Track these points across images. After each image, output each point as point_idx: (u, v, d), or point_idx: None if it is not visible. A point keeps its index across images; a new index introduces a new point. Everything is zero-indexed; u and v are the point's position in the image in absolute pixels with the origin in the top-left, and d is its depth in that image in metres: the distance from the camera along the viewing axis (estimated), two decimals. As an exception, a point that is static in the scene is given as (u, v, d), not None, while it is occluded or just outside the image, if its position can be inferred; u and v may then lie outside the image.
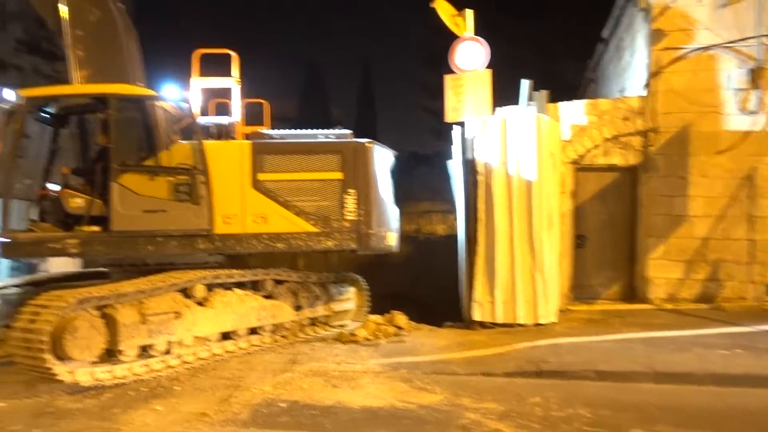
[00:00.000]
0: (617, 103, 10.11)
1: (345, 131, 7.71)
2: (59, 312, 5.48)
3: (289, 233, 6.94)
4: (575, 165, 10.00)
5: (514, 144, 8.26)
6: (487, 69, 8.67)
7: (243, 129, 7.91)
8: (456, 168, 8.88)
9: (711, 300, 9.52)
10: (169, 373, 6.15)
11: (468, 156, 8.56)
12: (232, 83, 7.80)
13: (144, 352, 6.17)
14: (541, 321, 8.12)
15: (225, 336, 6.99)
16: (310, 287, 7.99)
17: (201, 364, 6.51)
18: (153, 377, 6.01)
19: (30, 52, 14.98)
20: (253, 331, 7.29)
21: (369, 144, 7.24)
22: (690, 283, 9.72)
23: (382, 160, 7.53)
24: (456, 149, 8.81)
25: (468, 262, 8.49)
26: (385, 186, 7.60)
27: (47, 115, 7.09)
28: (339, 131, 7.73)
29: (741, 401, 5.29)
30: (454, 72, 8.83)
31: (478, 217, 8.40)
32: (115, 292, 5.99)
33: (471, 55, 8.73)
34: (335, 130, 7.83)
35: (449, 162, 9.27)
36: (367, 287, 8.93)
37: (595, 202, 10.21)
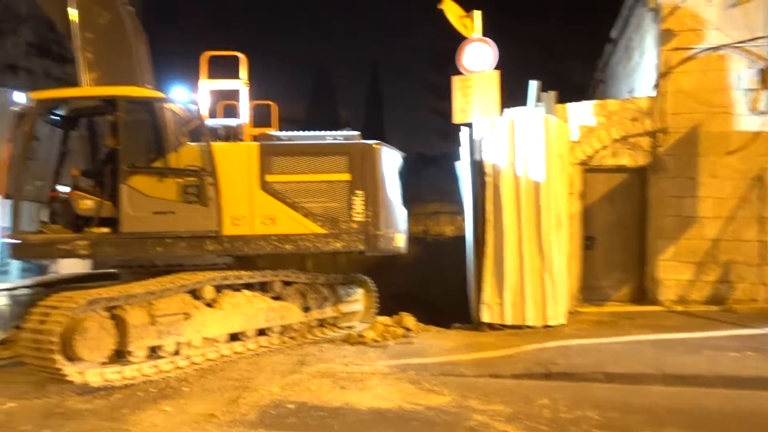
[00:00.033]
0: (626, 104, 10.07)
1: (353, 133, 7.72)
2: (69, 313, 5.51)
3: (298, 235, 6.96)
4: (584, 166, 9.96)
5: (522, 145, 8.25)
6: (495, 70, 8.66)
7: (251, 131, 7.93)
8: (464, 169, 8.87)
9: (721, 302, 9.46)
10: (178, 374, 6.17)
11: (476, 157, 8.55)
12: (240, 85, 7.83)
13: (153, 353, 6.20)
14: (550, 323, 8.09)
15: (233, 337, 7.01)
16: (318, 288, 8.01)
17: (209, 365, 6.54)
18: (162, 378, 6.03)
19: (40, 55, 15.11)
20: (262, 333, 7.31)
21: (377, 145, 7.24)
22: (700, 285, 9.66)
23: (389, 161, 7.52)
24: (464, 150, 8.79)
25: (476, 263, 8.47)
26: (393, 187, 7.60)
27: (57, 118, 7.13)
28: (347, 133, 7.74)
29: (751, 404, 5.25)
30: (461, 73, 8.82)
31: (486, 219, 8.38)
32: (125, 293, 6.02)
33: (479, 56, 8.73)
34: (343, 131, 7.84)
35: (457, 163, 9.26)
36: (375, 288, 8.93)
37: (604, 203, 10.16)
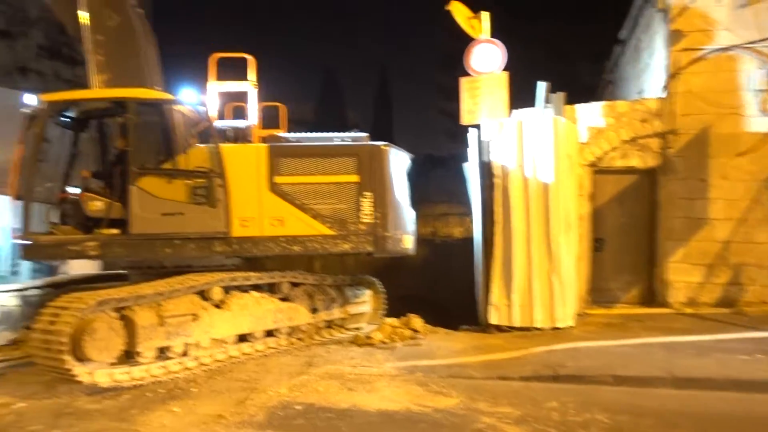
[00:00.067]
0: (635, 105, 10.02)
1: (361, 134, 7.73)
2: (79, 314, 5.54)
3: (306, 236, 6.97)
4: (593, 167, 9.91)
5: (530, 146, 8.22)
6: (504, 71, 8.65)
7: (260, 132, 7.96)
8: (472, 170, 8.85)
9: (732, 304, 9.37)
10: (186, 375, 6.19)
11: (484, 158, 8.53)
12: (248, 87, 7.85)
13: (162, 353, 6.22)
14: (559, 325, 8.06)
15: (241, 338, 7.02)
16: (326, 290, 8.01)
17: (218, 366, 6.55)
18: (170, 379, 6.05)
19: (51, 57, 15.21)
20: (270, 334, 7.32)
21: (385, 147, 7.25)
22: (711, 287, 9.58)
23: (398, 162, 7.52)
24: (472, 152, 8.78)
25: (485, 265, 8.45)
26: (401, 189, 7.59)
27: (67, 120, 7.17)
28: (355, 134, 7.75)
29: (762, 407, 5.19)
30: (469, 74, 8.81)
31: (494, 220, 8.36)
32: (134, 294, 6.05)
33: (487, 58, 8.72)
34: (351, 133, 7.85)
35: (465, 164, 9.25)
36: (383, 290, 8.93)
37: (613, 204, 10.11)
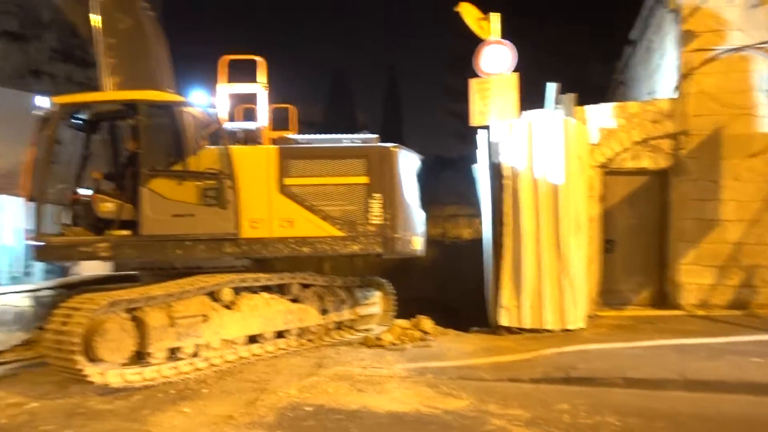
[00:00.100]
0: (646, 106, 9.96)
1: (371, 135, 7.74)
2: (90, 314, 5.58)
3: (315, 237, 6.98)
4: (603, 168, 9.86)
5: (540, 147, 8.19)
6: (513, 72, 8.63)
7: (270, 134, 7.98)
8: (482, 172, 8.83)
9: (745, 306, 9.29)
10: (197, 376, 6.22)
11: (494, 160, 8.51)
12: (258, 88, 7.88)
13: (172, 354, 6.25)
14: (569, 327, 8.02)
15: (252, 339, 7.05)
16: (336, 291, 8.02)
17: (228, 366, 6.58)
18: (181, 379, 6.08)
19: (64, 60, 15.32)
20: (280, 335, 7.34)
21: (394, 148, 7.25)
22: (723, 289, 9.50)
23: (407, 164, 7.52)
24: (482, 153, 8.76)
25: (494, 266, 8.43)
26: (411, 190, 7.60)
27: (79, 122, 7.23)
28: (365, 136, 7.75)
29: (776, 410, 5.16)
30: (479, 76, 8.79)
31: (504, 222, 8.34)
32: (145, 295, 6.08)
33: (497, 59, 8.70)
34: (361, 134, 7.86)
35: (475, 166, 9.23)
36: (393, 291, 8.93)
37: (624, 206, 10.06)
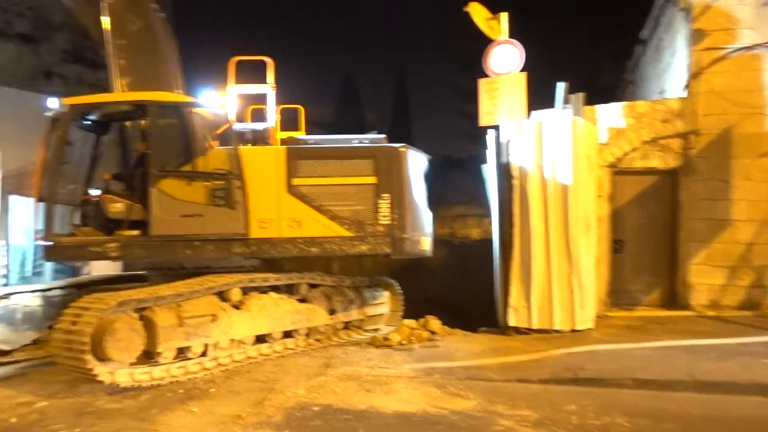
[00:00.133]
0: (656, 105, 9.91)
1: (379, 136, 7.74)
2: (100, 314, 5.61)
3: (324, 237, 6.99)
4: (612, 168, 9.82)
5: (549, 147, 8.16)
6: (522, 72, 8.60)
7: (278, 134, 8.00)
8: (491, 172, 8.81)
9: (756, 307, 9.22)
10: (205, 375, 6.24)
11: (503, 160, 8.49)
12: (267, 89, 7.89)
13: (181, 354, 6.28)
14: (578, 327, 7.99)
15: (260, 339, 7.06)
16: (344, 291, 8.03)
17: (236, 366, 6.60)
18: (189, 379, 6.11)
19: (75, 61, 15.42)
20: (288, 335, 7.35)
21: (402, 148, 7.25)
22: (733, 290, 9.43)
23: (415, 164, 7.52)
24: (491, 153, 8.74)
25: (503, 266, 8.41)
26: (419, 190, 7.59)
27: (89, 123, 7.28)
28: (373, 136, 7.75)
29: (787, 412, 5.11)
30: (488, 75, 8.78)
31: (513, 222, 8.31)
32: (154, 295, 6.11)
33: (506, 59, 8.68)
34: (369, 134, 7.86)
35: (484, 166, 9.20)
36: (401, 291, 8.92)
37: (634, 206, 10.01)
